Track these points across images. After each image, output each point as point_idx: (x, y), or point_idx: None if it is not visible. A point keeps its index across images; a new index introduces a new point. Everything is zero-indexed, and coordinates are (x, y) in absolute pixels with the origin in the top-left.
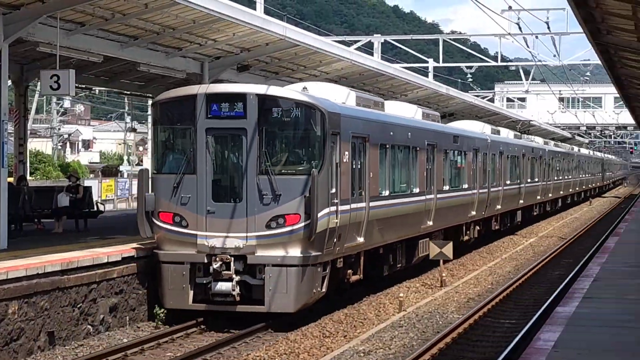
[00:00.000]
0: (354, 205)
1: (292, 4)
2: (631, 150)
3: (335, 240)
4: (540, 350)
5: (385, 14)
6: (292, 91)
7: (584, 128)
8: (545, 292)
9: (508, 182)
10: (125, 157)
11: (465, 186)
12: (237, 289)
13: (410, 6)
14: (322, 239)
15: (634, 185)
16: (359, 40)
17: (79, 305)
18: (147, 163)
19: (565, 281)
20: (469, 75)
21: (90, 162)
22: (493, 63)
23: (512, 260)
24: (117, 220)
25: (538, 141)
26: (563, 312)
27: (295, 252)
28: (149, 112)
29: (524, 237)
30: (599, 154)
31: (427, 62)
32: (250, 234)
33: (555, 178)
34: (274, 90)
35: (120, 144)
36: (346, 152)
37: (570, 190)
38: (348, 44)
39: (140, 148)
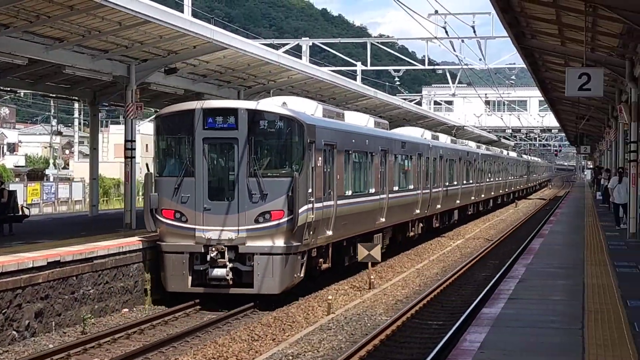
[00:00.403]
0: (325, 203)
1: (221, 6)
2: (555, 152)
3: (311, 232)
4: (467, 352)
5: (314, 17)
6: (277, 106)
7: (510, 131)
8: (472, 294)
9: (447, 183)
10: (51, 161)
11: (411, 187)
12: (231, 274)
13: (338, 9)
14: (302, 231)
15: (559, 187)
16: (287, 43)
17: (3, 311)
18: (74, 167)
19: (491, 283)
20: (396, 79)
21: (15, 166)
22: (420, 66)
23: (440, 262)
24: (43, 224)
25: (471, 145)
26: (489, 313)
27: (279, 242)
28: (75, 115)
29: (451, 239)
30: (525, 156)
31: (355, 65)
32: (241, 227)
33: (487, 180)
34: (262, 106)
35: (46, 148)
36: (319, 158)
37: (500, 191)
38: (276, 47)
39: (67, 151)
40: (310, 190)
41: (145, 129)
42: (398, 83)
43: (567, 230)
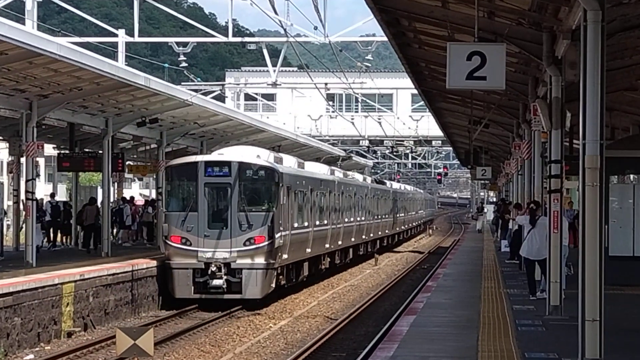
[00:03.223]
0: (286, 232)
1: None
2: (439, 177)
3: (279, 254)
4: None
5: None
6: (259, 159)
7: (366, 143)
8: None
9: (346, 219)
10: None
11: (325, 222)
12: (225, 284)
13: None
14: (276, 253)
15: (445, 232)
16: None
17: None
18: None
19: None
20: (182, 57)
21: None
22: (222, 38)
23: (252, 356)
24: None
25: (358, 177)
26: None
27: (261, 260)
28: None
29: (272, 317)
30: (390, 184)
31: (116, 35)
32: (233, 249)
33: (376, 217)
34: (248, 158)
35: None
36: (284, 197)
37: (388, 231)
38: None
39: None
40: (280, 222)
41: None
42: (185, 64)
43: (453, 301)
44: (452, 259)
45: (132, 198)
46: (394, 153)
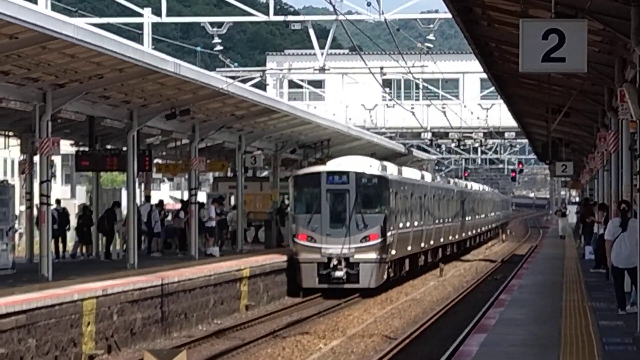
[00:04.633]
0: (394, 232)
1: None
2: (513, 174)
3: (389, 250)
4: None
5: None
6: (372, 169)
7: (429, 135)
8: None
9: (436, 221)
10: None
11: (422, 223)
12: (345, 276)
13: None
14: (387, 249)
15: (520, 237)
16: None
17: None
18: None
19: None
20: (217, 39)
21: None
22: (262, 17)
23: None
24: None
25: (439, 180)
26: None
27: (375, 255)
28: None
29: (321, 337)
30: (457, 182)
31: (141, 15)
32: (351, 245)
33: (467, 217)
34: (364, 169)
35: None
36: (393, 201)
37: (472, 232)
38: None
39: None
40: (390, 222)
41: None
42: (221, 48)
43: (530, 317)
44: (529, 268)
45: (160, 202)
46: (461, 147)
